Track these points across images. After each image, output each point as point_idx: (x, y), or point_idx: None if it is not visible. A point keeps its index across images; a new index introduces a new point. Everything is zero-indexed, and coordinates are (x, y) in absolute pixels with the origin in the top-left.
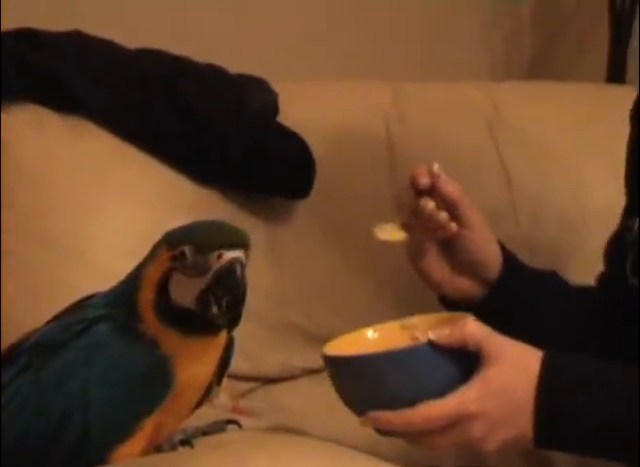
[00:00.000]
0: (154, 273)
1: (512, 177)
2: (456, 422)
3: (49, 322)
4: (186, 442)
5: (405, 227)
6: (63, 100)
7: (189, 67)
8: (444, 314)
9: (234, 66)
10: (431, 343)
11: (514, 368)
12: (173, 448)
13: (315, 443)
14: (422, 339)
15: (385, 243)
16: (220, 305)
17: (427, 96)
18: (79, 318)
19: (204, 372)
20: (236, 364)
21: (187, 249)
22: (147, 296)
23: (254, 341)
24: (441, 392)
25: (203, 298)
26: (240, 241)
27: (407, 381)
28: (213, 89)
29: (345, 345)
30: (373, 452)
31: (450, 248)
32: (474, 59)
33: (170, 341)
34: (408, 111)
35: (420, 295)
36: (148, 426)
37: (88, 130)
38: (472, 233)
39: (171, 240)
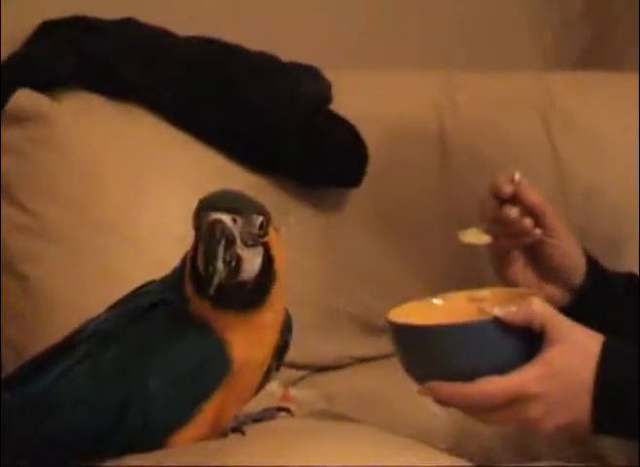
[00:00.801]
0: (191, 249)
1: (564, 167)
2: (515, 401)
3: (105, 311)
4: (237, 429)
5: (488, 232)
6: (114, 86)
7: (241, 55)
8: (514, 290)
9: (286, 54)
10: (496, 320)
11: (576, 350)
12: (224, 434)
13: (365, 430)
14: (489, 313)
15: (470, 246)
16: (205, 266)
17: (479, 86)
18: (134, 306)
19: (261, 352)
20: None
21: (196, 213)
22: (188, 274)
23: (305, 329)
24: (502, 369)
25: (199, 260)
26: (228, 206)
27: (469, 355)
28: (266, 76)
29: (411, 312)
30: (423, 440)
31: (535, 255)
32: (524, 48)
33: (221, 320)
34: (460, 101)
35: (475, 282)
36: (208, 410)
37: (139, 117)
38: (556, 239)
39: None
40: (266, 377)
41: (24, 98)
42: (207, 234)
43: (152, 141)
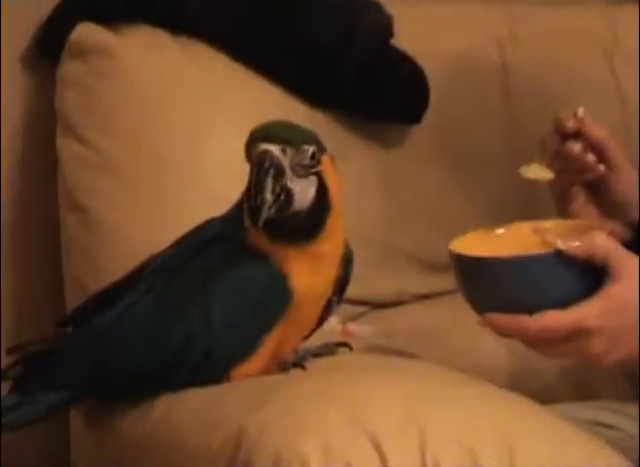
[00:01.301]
0: (247, 182)
1: (627, 101)
2: (574, 336)
3: (168, 247)
4: (297, 364)
5: (550, 168)
6: (178, 22)
7: None
8: (578, 222)
9: None
10: (558, 253)
11: (637, 285)
12: (285, 369)
13: (424, 366)
14: (552, 245)
15: (532, 182)
16: (254, 197)
17: (542, 20)
18: (195, 240)
19: (321, 284)
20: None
21: (247, 145)
22: (245, 206)
23: (364, 266)
24: (562, 303)
25: (249, 192)
26: (278, 137)
27: (529, 288)
28: (327, 10)
29: (473, 242)
30: (481, 376)
31: (597, 191)
32: None
33: (279, 252)
34: (522, 35)
35: (536, 218)
36: (270, 342)
37: (203, 53)
38: (619, 174)
39: None
40: (327, 311)
41: (86, 32)
42: (256, 166)
43: (215, 78)
